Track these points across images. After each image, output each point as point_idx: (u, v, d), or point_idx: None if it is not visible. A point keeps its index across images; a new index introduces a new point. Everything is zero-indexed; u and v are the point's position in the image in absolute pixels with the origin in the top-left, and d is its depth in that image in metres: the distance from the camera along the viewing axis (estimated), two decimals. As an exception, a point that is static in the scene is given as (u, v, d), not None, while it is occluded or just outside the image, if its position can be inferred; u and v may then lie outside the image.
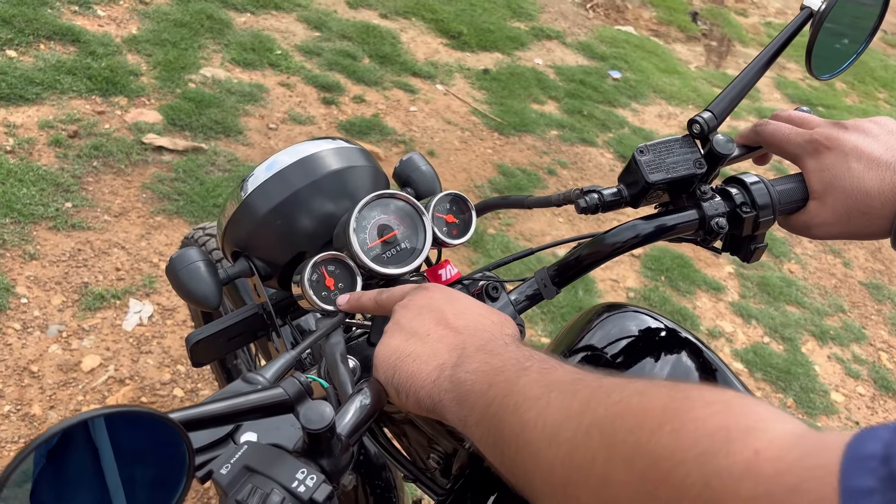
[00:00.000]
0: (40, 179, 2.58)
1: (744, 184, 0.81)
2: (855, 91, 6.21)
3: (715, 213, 0.80)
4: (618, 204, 0.82)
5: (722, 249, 0.86)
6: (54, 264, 2.33)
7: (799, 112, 0.87)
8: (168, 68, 3.40)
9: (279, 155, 0.95)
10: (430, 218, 0.88)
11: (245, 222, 0.93)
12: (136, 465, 0.52)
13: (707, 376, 0.91)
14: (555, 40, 5.20)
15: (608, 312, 0.97)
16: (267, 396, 0.59)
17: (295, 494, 0.56)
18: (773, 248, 3.72)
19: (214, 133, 3.13)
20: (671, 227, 0.81)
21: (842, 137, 0.78)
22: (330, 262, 0.83)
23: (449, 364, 0.62)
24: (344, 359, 0.75)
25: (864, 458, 0.32)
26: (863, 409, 2.93)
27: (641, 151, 0.79)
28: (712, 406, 0.42)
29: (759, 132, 0.85)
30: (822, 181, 0.79)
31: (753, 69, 0.83)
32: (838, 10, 0.80)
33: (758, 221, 0.80)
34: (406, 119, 3.74)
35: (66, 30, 3.34)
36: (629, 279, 3.18)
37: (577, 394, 0.50)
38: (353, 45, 4.19)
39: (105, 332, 2.18)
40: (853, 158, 0.77)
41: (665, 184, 0.79)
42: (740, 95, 0.83)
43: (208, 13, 3.89)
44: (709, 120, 0.81)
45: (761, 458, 0.36)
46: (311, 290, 0.81)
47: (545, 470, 0.50)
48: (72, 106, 2.98)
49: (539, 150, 3.87)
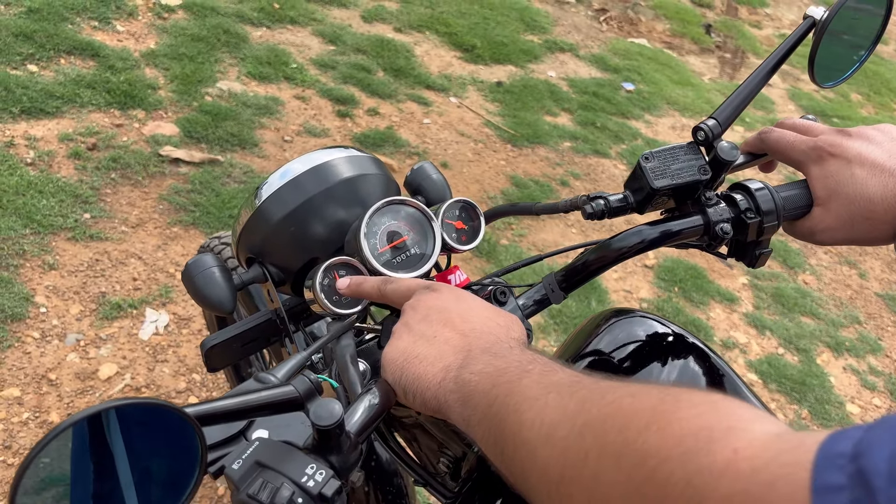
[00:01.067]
0: (59, 191, 2.62)
1: (748, 190, 0.82)
2: (871, 102, 6.18)
3: (720, 218, 0.81)
4: (624, 210, 0.83)
5: (727, 255, 0.87)
6: (73, 274, 2.37)
7: (803, 120, 0.88)
8: (185, 82, 3.45)
9: (293, 163, 0.98)
10: (440, 224, 0.90)
11: (259, 229, 0.95)
12: (150, 458, 0.53)
13: (714, 381, 0.92)
14: (568, 53, 5.22)
15: (616, 318, 0.98)
16: (278, 394, 0.60)
17: (304, 489, 0.57)
18: (788, 259, 3.71)
19: (230, 145, 3.17)
20: (676, 232, 0.82)
21: (845, 144, 0.79)
22: (341, 266, 0.85)
23: (454, 366, 0.64)
24: (354, 360, 0.77)
25: (836, 456, 0.33)
26: (879, 422, 2.90)
27: (647, 158, 0.81)
28: (698, 407, 0.43)
29: (764, 139, 0.87)
30: (826, 187, 0.80)
31: (757, 77, 0.84)
32: (841, 18, 0.81)
33: (762, 227, 0.81)
34: (420, 131, 3.77)
35: (85, 45, 3.40)
36: (643, 290, 3.18)
37: (574, 395, 0.52)
38: (367, 58, 4.24)
39: (122, 341, 2.21)
40: (856, 165, 0.78)
41: (670, 190, 0.80)
42: (745, 103, 0.84)
43: (225, 28, 3.95)
44: (713, 127, 0.82)
45: (740, 456, 0.37)
46: (323, 294, 0.83)
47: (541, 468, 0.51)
48: (91, 119, 3.03)
49: (552, 161, 3.88)
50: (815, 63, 0.83)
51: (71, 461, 0.50)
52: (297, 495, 0.57)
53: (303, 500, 0.57)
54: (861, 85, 6.35)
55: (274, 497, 0.56)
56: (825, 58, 0.83)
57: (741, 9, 7.14)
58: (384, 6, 4.89)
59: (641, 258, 3.36)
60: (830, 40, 0.82)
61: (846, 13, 0.81)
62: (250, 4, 4.28)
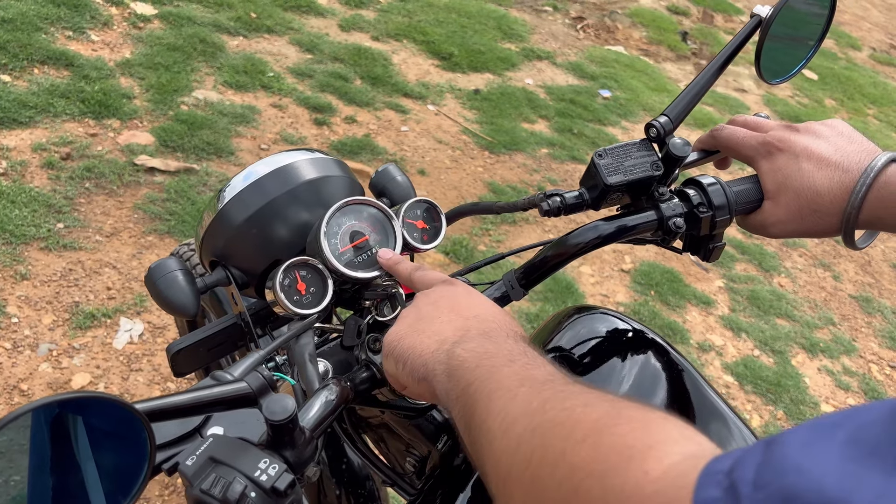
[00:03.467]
0: (32, 201, 2.61)
1: (701, 185, 0.83)
2: (845, 107, 6.27)
3: (673, 213, 0.82)
4: (579, 206, 0.84)
5: (682, 249, 0.88)
6: (45, 284, 2.35)
7: (754, 117, 0.90)
8: (161, 91, 3.44)
9: (256, 165, 0.98)
10: (401, 223, 0.91)
11: (222, 231, 0.95)
12: (100, 453, 0.53)
13: (674, 377, 0.93)
14: (545, 60, 5.26)
15: (578, 314, 1.00)
16: (230, 390, 0.61)
17: (257, 483, 0.58)
18: (763, 262, 3.75)
19: (206, 154, 3.17)
20: (631, 227, 0.83)
21: (793, 139, 0.81)
22: (302, 266, 0.86)
23: (450, 340, 0.66)
24: (312, 358, 0.78)
25: (715, 473, 0.35)
26: (853, 421, 2.93)
27: (600, 155, 0.82)
28: (632, 423, 0.44)
29: (716, 136, 0.88)
30: (775, 182, 0.82)
31: (707, 75, 0.86)
32: (786, 17, 0.83)
33: (714, 221, 0.82)
34: (397, 139, 3.78)
35: (60, 54, 3.39)
36: (619, 294, 3.20)
37: (541, 393, 0.52)
38: (344, 66, 4.25)
39: (95, 351, 2.20)
40: (804, 159, 0.79)
41: (624, 186, 0.82)
42: (695, 100, 0.86)
43: (201, 37, 3.95)
44: (665, 124, 0.84)
45: (648, 478, 0.39)
46: (283, 294, 0.84)
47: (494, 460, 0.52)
48: (65, 129, 3.01)
49: (529, 167, 3.91)
50: (762, 60, 0.85)
51: (27, 455, 0.50)
52: (249, 489, 0.57)
53: (255, 494, 0.57)
54: (835, 91, 6.44)
55: (226, 491, 0.56)
56: (771, 55, 0.85)
57: (717, 16, 7.23)
58: (362, 15, 4.91)
59: (618, 262, 3.39)
60: (776, 38, 0.84)
61: (791, 12, 0.83)
62: (227, 14, 4.28)
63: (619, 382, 0.90)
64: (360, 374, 0.79)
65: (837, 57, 7.21)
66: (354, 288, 0.90)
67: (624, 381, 0.91)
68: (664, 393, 0.92)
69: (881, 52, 7.88)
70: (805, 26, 0.89)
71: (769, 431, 2.76)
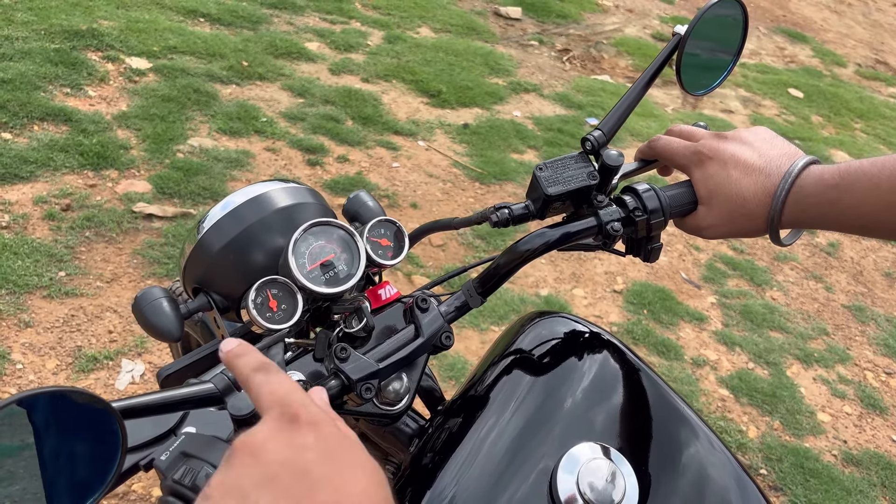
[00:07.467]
0: (34, 251, 2.69)
1: (636, 192, 0.90)
2: (831, 123, 6.37)
3: (611, 218, 0.89)
4: (526, 217, 0.91)
5: (625, 252, 0.95)
6: (48, 330, 2.42)
7: (690, 126, 0.97)
8: (157, 140, 3.55)
9: (233, 196, 1.05)
10: (365, 241, 0.98)
11: (202, 259, 1.03)
12: (73, 447, 0.56)
13: (630, 377, 0.99)
14: (532, 93, 5.38)
15: (539, 318, 1.06)
16: (198, 390, 0.67)
17: (224, 473, 0.64)
18: (755, 276, 3.80)
19: (202, 198, 3.26)
20: (575, 233, 0.90)
21: (721, 147, 0.88)
22: (272, 285, 0.92)
23: None
24: (282, 366, 0.84)
25: None
26: (850, 428, 2.96)
27: (541, 168, 0.89)
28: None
29: (653, 146, 0.95)
30: (706, 188, 0.88)
31: (635, 90, 0.94)
32: (703, 33, 0.91)
33: (650, 224, 0.89)
34: (389, 175, 3.88)
35: (58, 111, 3.50)
36: (612, 314, 3.25)
37: None
38: (336, 108, 4.36)
39: (98, 392, 2.26)
40: (731, 166, 0.86)
41: (564, 195, 0.89)
42: (626, 114, 0.93)
43: (195, 87, 4.07)
44: (599, 137, 0.91)
45: None
46: (256, 311, 0.90)
47: None
48: (64, 181, 3.11)
49: (520, 196, 3.99)
50: (682, 73, 0.92)
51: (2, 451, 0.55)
52: (217, 478, 0.63)
53: (224, 482, 0.63)
54: (822, 107, 6.54)
55: (195, 479, 0.62)
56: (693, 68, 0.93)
57: (700, 41, 7.37)
58: (351, 59, 5.04)
59: (610, 283, 3.44)
60: (695, 54, 0.91)
61: (706, 28, 0.91)
62: (219, 64, 4.41)
63: (578, 381, 0.96)
64: (328, 381, 0.85)
65: (823, 74, 7.33)
66: (325, 305, 0.97)
67: (582, 380, 0.97)
68: (621, 390, 0.97)
69: (867, 67, 8.01)
70: (723, 38, 0.97)
71: (766, 442, 2.79)
